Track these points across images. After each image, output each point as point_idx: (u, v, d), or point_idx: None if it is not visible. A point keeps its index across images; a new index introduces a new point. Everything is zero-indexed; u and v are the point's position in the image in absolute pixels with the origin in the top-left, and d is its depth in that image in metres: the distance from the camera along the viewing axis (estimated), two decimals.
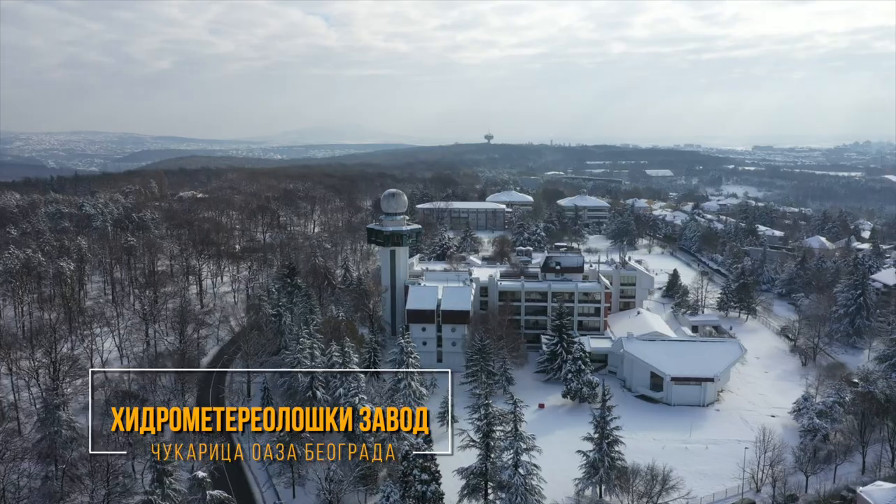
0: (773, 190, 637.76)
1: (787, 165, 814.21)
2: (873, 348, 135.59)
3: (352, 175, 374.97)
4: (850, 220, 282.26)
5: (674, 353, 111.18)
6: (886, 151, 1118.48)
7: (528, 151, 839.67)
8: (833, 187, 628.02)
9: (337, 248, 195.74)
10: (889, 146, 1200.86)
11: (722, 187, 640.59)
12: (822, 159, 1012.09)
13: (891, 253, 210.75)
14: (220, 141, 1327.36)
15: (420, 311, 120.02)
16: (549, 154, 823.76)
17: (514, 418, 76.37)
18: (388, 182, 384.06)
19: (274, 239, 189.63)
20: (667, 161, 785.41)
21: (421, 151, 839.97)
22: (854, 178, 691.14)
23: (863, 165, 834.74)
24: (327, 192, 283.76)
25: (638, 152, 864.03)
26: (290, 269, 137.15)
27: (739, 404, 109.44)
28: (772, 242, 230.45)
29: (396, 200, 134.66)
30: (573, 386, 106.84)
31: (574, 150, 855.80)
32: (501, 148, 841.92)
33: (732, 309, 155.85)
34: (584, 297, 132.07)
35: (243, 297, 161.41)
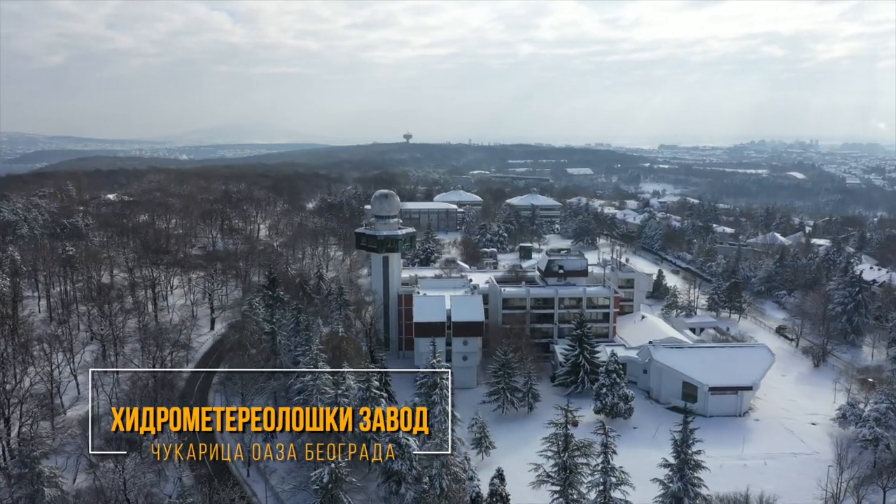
0: (688, 187, 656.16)
1: (697, 163, 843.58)
2: (872, 345, 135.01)
3: (287, 175, 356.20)
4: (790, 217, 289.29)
5: (706, 360, 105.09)
6: (781, 150, 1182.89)
7: (450, 151, 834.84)
8: (745, 184, 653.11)
9: (295, 252, 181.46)
10: (782, 145, 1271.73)
11: (640, 185, 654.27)
12: (725, 157, 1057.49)
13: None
14: (122, 141, 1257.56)
15: (429, 325, 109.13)
16: (471, 153, 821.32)
17: (604, 449, 67.21)
18: (323, 182, 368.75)
19: (230, 245, 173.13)
20: (585, 160, 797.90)
21: (340, 151, 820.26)
22: (761, 175, 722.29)
23: (765, 163, 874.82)
24: (267, 193, 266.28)
25: (556, 151, 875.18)
26: (270, 279, 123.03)
27: (774, 412, 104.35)
28: (723, 239, 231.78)
29: (389, 202, 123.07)
30: (608, 401, 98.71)
31: (495, 150, 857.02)
32: (422, 147, 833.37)
33: (722, 309, 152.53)
34: (591, 303, 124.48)
35: (206, 311, 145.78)
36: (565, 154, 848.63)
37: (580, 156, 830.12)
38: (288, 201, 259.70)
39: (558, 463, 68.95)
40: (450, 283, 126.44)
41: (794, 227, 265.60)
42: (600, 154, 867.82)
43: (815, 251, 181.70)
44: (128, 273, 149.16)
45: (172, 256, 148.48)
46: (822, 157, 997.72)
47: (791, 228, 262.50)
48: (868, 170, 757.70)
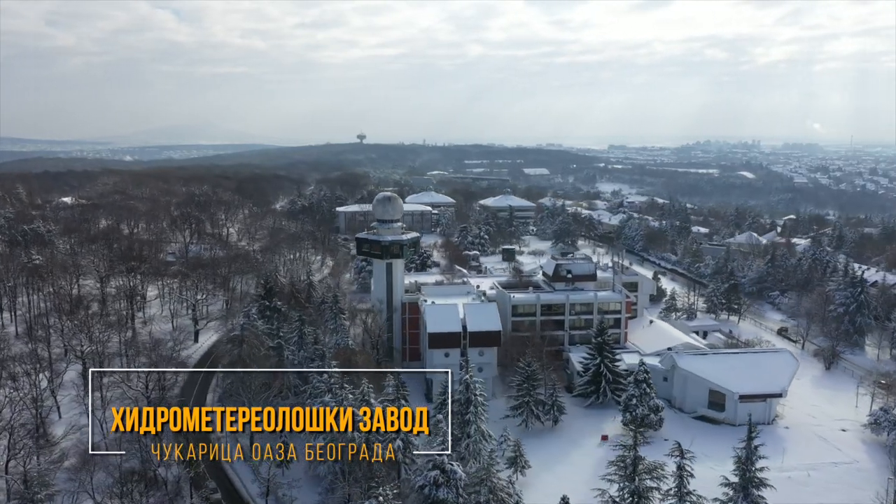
0: (643, 187, 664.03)
1: (649, 163, 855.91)
2: (877, 345, 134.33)
3: (250, 177, 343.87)
4: (761, 216, 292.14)
5: (731, 367, 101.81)
6: (726, 150, 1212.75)
7: (405, 151, 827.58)
8: (698, 184, 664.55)
9: (274, 258, 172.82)
10: (727, 145, 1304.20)
11: (596, 185, 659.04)
12: (674, 157, 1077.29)
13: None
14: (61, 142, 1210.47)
15: (444, 335, 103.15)
16: (426, 154, 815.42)
17: (679, 472, 62.46)
18: (285, 184, 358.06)
19: (205, 251, 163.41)
20: (540, 160, 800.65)
21: (293, 152, 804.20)
22: (713, 174, 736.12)
23: (714, 163, 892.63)
24: (233, 195, 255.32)
25: (511, 151, 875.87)
26: (266, 288, 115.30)
27: (800, 419, 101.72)
28: (700, 239, 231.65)
29: (393, 205, 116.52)
30: (639, 412, 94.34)
31: (450, 150, 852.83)
32: (376, 148, 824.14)
33: (721, 311, 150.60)
34: (602, 308, 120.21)
35: (186, 322, 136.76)
36: (519, 154, 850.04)
37: (535, 156, 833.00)
38: (256, 203, 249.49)
39: (627, 488, 63.78)
40: (455, 290, 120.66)
41: (764, 226, 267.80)
42: (554, 154, 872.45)
43: (805, 251, 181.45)
44: (99, 282, 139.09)
45: (150, 264, 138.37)
46: (767, 157, 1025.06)
47: (761, 228, 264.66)
48: (813, 169, 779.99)
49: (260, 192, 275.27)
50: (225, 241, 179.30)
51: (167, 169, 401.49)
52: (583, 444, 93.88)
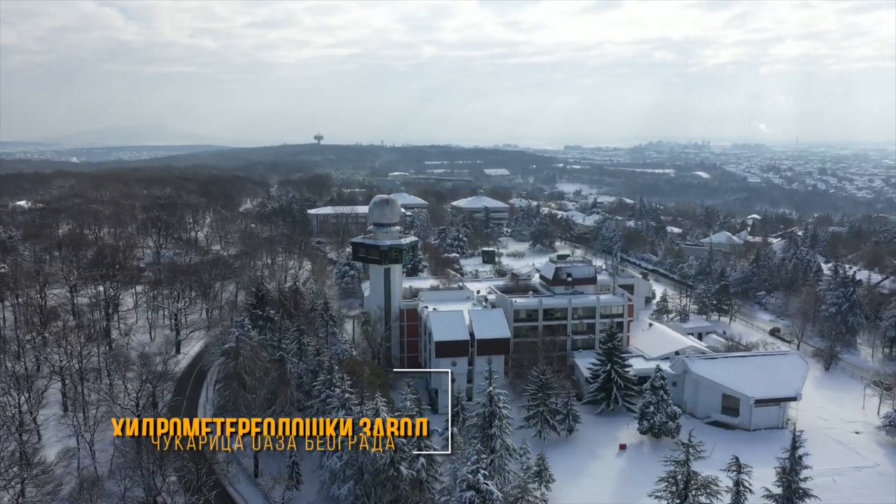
0: (602, 187, 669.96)
1: (607, 164, 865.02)
2: (871, 344, 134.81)
3: (213, 179, 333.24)
4: (730, 216, 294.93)
5: (743, 371, 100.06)
6: (678, 150, 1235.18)
7: (363, 152, 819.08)
8: (656, 184, 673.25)
9: (251, 263, 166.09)
10: (678, 146, 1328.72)
11: (556, 185, 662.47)
12: (628, 157, 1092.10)
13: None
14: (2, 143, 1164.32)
15: (452, 343, 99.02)
16: (385, 154, 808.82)
17: (737, 488, 59.56)
18: (248, 186, 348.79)
19: (179, 257, 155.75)
20: (499, 160, 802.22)
21: (249, 153, 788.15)
22: (669, 175, 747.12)
23: (668, 163, 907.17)
24: (198, 198, 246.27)
25: (469, 152, 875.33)
26: (258, 296, 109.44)
27: (812, 422, 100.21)
28: (674, 239, 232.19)
29: (391, 209, 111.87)
30: (657, 420, 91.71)
31: (409, 151, 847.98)
32: (334, 149, 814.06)
33: (712, 312, 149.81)
34: (605, 312, 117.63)
35: (165, 332, 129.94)
36: (479, 155, 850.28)
37: (494, 157, 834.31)
38: (223, 206, 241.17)
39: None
40: (454, 296, 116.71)
41: (735, 226, 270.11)
42: (513, 155, 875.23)
43: (786, 251, 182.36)
44: (69, 292, 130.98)
45: (128, 272, 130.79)
46: (718, 157, 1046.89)
47: (733, 227, 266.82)
48: (765, 169, 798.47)
49: (225, 195, 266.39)
50: (200, 247, 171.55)
51: (123, 171, 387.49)
52: (601, 455, 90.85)
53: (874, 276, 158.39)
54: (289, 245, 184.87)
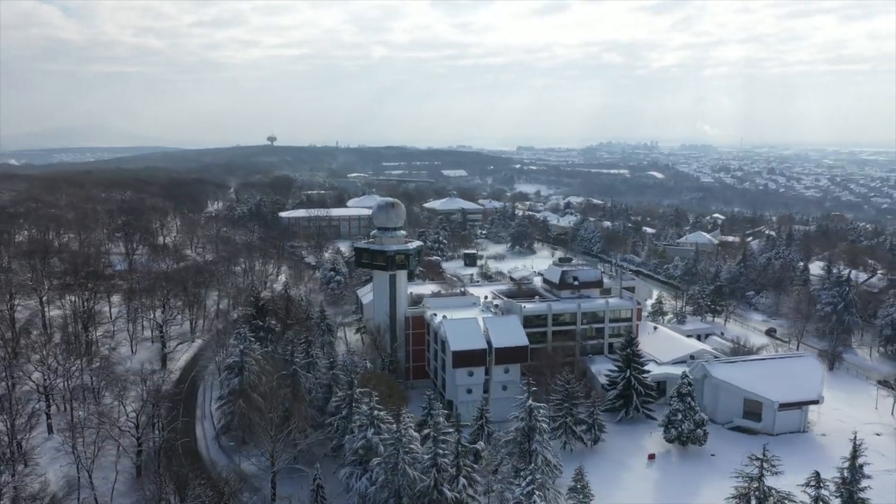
0: (560, 187, 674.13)
1: (563, 164, 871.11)
2: (869, 344, 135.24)
3: (173, 182, 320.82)
4: (701, 216, 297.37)
5: (762, 374, 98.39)
6: (629, 151, 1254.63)
7: (319, 153, 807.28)
8: (613, 184, 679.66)
9: (229, 269, 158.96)
10: (628, 146, 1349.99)
11: (515, 186, 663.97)
12: (581, 158, 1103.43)
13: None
14: None
15: (469, 353, 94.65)
16: (342, 156, 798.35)
17: None
18: (210, 189, 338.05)
19: (154, 263, 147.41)
20: (457, 161, 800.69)
21: (201, 154, 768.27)
22: (625, 175, 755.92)
23: (622, 163, 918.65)
24: (162, 201, 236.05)
25: (428, 153, 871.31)
26: (257, 306, 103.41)
27: (832, 425, 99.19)
28: (648, 239, 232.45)
29: (396, 212, 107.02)
30: (685, 427, 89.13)
31: (366, 152, 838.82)
32: (289, 150, 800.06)
33: (707, 313, 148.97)
34: (614, 316, 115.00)
35: (148, 345, 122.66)
36: (436, 156, 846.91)
37: (451, 158, 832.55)
38: (190, 210, 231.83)
39: None
40: (460, 302, 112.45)
41: (706, 225, 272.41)
42: (470, 156, 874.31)
43: (768, 251, 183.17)
44: (40, 303, 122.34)
45: (103, 280, 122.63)
46: (667, 158, 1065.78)
47: (703, 227, 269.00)
48: (716, 169, 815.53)
49: (190, 198, 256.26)
50: (177, 253, 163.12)
51: (75, 173, 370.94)
52: (631, 465, 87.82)
53: (857, 276, 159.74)
54: (266, 250, 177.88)
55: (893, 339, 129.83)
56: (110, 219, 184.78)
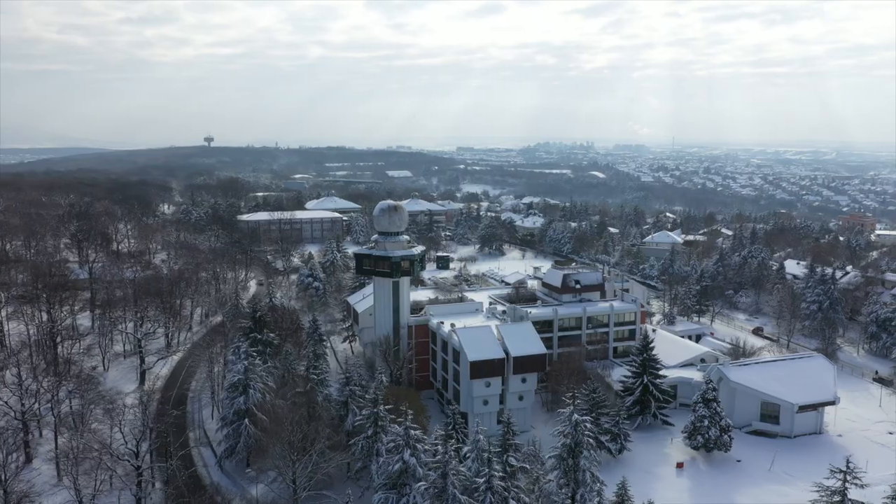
0: (506, 188, 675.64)
1: (506, 165, 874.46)
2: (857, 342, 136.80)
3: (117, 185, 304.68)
4: (661, 214, 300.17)
5: (779, 377, 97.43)
6: (566, 151, 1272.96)
7: (259, 154, 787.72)
8: (558, 184, 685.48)
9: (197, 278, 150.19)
10: (565, 146, 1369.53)
11: (461, 186, 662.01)
12: (521, 158, 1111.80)
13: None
14: None
15: (487, 363, 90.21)
16: (283, 156, 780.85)
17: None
18: (154, 191, 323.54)
19: (123, 273, 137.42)
20: (401, 162, 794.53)
21: (135, 156, 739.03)
22: (568, 175, 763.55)
23: (563, 163, 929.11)
24: (111, 205, 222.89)
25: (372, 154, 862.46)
26: (256, 318, 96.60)
27: (845, 425, 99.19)
28: (619, 239, 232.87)
29: (399, 216, 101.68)
30: (711, 434, 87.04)
31: (308, 153, 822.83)
32: (227, 151, 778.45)
33: (693, 313, 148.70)
34: (619, 320, 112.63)
35: (121, 361, 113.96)
36: (379, 157, 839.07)
37: (395, 158, 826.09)
38: (142, 214, 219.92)
39: None
40: (462, 308, 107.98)
41: (665, 224, 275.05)
42: (414, 157, 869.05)
43: (747, 250, 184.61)
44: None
45: (70, 292, 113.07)
46: (604, 157, 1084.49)
47: (662, 226, 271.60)
48: (654, 168, 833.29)
49: (141, 202, 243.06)
50: (144, 261, 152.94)
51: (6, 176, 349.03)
52: (660, 475, 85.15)
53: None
54: (234, 255, 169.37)
55: (879, 337, 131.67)
56: (60, 224, 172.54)
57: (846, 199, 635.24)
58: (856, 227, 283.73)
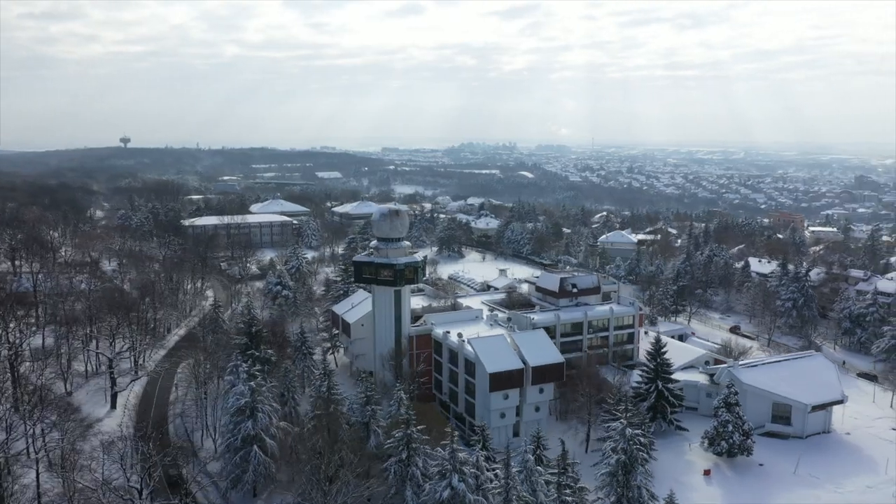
0: (437, 188, 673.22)
1: (436, 166, 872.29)
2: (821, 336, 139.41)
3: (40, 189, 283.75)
4: (609, 214, 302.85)
5: (787, 377, 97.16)
6: (490, 151, 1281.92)
7: (181, 155, 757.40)
8: (489, 184, 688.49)
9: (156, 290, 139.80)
10: (489, 147, 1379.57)
11: (392, 186, 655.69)
12: (446, 158, 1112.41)
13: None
14: None
15: (506, 374, 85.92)
16: (206, 158, 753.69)
17: None
18: (79, 194, 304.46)
19: (78, 285, 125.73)
20: (330, 163, 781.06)
21: (46, 157, 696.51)
22: (498, 175, 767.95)
23: (490, 164, 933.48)
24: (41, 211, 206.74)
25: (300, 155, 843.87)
26: (251, 335, 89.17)
27: (851, 423, 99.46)
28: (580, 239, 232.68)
29: (401, 221, 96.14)
30: (735, 439, 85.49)
31: (232, 154, 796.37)
32: (146, 152, 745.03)
33: (671, 314, 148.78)
34: (618, 324, 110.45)
35: (94, 385, 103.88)
36: (307, 157, 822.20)
37: (324, 159, 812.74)
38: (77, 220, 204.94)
39: None
40: (462, 316, 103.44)
41: (614, 224, 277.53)
42: (342, 157, 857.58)
43: (708, 248, 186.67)
44: None
45: (28, 307, 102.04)
46: (528, 157, 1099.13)
47: (611, 225, 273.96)
48: (581, 168, 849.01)
49: (74, 207, 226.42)
50: (99, 272, 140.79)
51: None
52: (689, 483, 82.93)
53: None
54: (193, 263, 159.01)
55: (853, 332, 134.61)
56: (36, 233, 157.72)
57: (763, 196, 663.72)
58: (790, 225, 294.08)
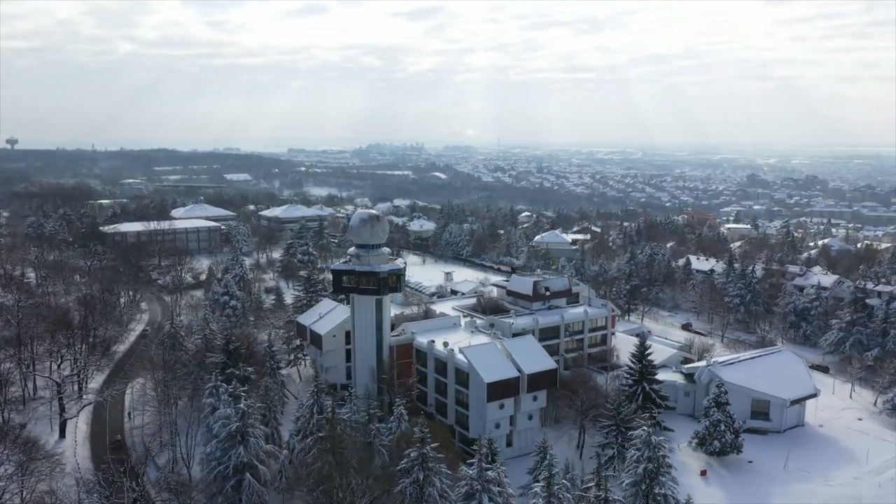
0: (351, 190, 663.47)
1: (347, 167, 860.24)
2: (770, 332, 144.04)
3: None
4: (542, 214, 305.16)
5: (762, 374, 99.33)
6: (399, 152, 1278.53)
7: (76, 157, 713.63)
8: (404, 185, 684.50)
9: None
10: (398, 148, 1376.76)
11: (305, 188, 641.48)
12: (355, 159, 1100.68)
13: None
14: None
15: (504, 383, 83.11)
16: (104, 160, 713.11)
17: None
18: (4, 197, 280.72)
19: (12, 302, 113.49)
20: (238, 165, 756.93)
21: None
22: (411, 176, 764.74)
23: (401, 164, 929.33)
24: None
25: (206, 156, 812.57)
26: (229, 351, 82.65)
27: (821, 416, 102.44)
28: None
29: (382, 227, 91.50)
30: (727, 438, 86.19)
31: (133, 155, 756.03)
32: (38, 154, 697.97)
33: (625, 313, 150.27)
34: (592, 326, 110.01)
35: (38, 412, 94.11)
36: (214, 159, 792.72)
37: (232, 161, 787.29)
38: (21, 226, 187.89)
39: None
40: (440, 324, 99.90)
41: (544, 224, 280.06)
42: (251, 159, 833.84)
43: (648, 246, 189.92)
44: None
45: None
46: (437, 158, 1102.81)
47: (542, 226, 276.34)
48: (492, 168, 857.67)
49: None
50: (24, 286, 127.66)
51: None
52: (689, 485, 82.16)
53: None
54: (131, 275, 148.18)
55: (798, 326, 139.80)
56: None
57: (667, 195, 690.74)
58: (706, 222, 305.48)
